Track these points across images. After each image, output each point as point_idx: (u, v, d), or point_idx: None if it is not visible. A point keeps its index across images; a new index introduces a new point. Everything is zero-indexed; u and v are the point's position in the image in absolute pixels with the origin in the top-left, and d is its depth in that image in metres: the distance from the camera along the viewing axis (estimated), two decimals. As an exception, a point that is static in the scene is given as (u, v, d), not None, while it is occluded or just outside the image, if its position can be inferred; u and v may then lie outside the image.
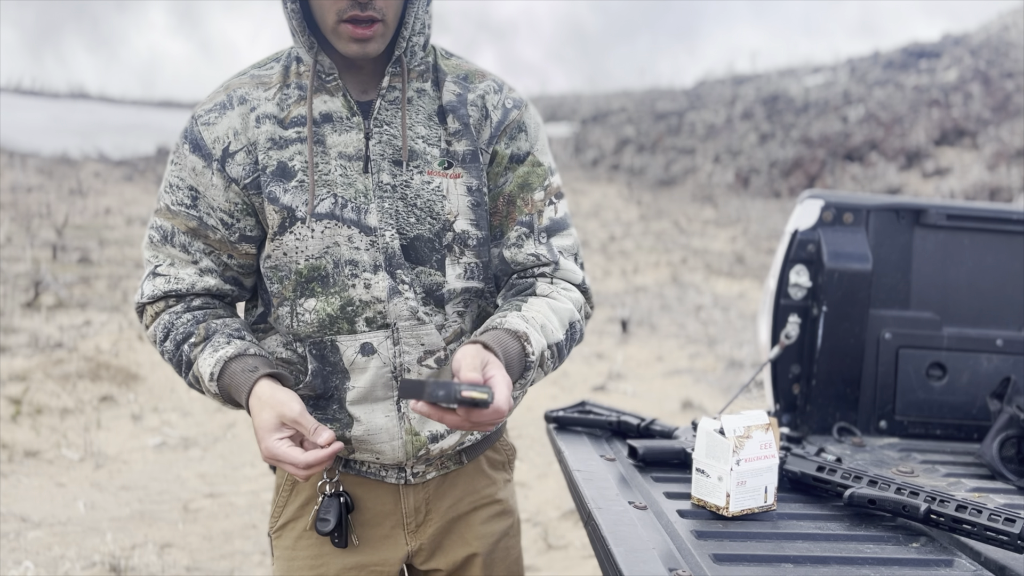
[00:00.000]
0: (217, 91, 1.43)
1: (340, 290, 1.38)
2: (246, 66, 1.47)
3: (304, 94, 1.39)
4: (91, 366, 5.86)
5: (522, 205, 1.46)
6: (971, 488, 1.74)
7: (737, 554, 1.30)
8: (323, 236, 1.37)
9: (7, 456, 4.52)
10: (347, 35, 1.32)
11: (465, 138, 1.42)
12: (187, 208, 1.41)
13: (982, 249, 2.17)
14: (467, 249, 1.43)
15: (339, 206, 1.37)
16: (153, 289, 1.44)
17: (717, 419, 1.44)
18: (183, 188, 1.41)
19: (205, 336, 1.41)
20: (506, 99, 1.46)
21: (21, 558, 3.48)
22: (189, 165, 1.40)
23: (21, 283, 8.18)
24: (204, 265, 1.43)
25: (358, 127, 1.38)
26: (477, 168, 1.42)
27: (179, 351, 1.41)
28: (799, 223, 2.14)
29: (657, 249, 12.44)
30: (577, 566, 3.60)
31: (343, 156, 1.38)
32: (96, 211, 13.19)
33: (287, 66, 1.42)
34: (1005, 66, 18.70)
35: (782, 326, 2.13)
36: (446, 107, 1.42)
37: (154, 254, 1.45)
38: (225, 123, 1.39)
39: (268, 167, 1.38)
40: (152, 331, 1.46)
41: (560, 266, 1.48)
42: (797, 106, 20.72)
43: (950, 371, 2.14)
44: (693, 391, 6.10)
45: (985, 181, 12.88)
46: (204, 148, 1.39)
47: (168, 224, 1.42)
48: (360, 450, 1.44)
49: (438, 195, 1.39)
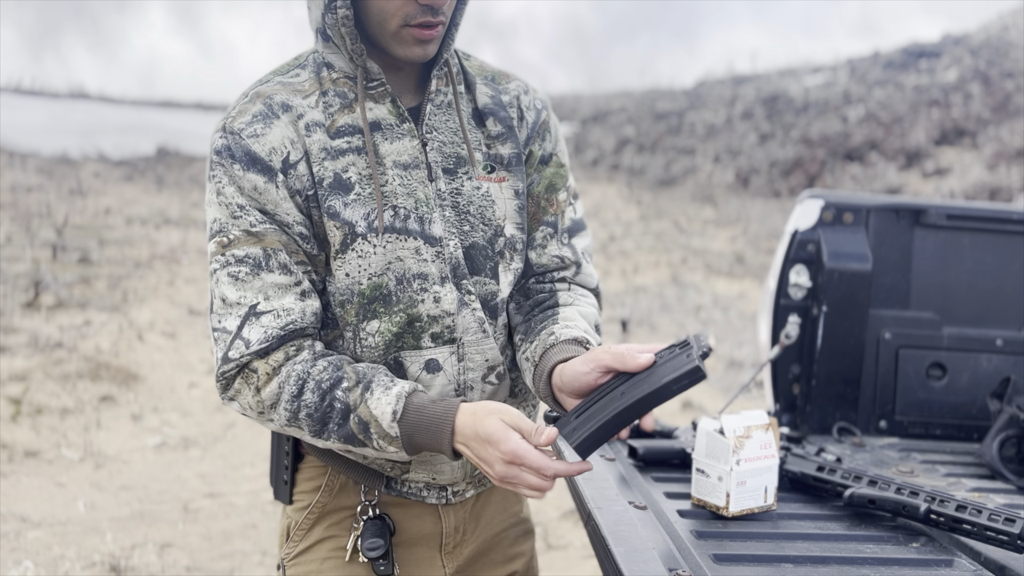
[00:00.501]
0: (246, 101, 1.31)
1: (407, 307, 1.31)
2: (265, 74, 1.36)
3: (346, 102, 1.31)
4: (91, 366, 5.86)
5: (547, 206, 1.45)
6: (971, 488, 1.74)
7: (737, 554, 1.30)
8: (385, 251, 1.29)
9: (7, 456, 4.52)
10: (412, 38, 1.26)
11: (510, 141, 1.40)
12: (271, 224, 1.26)
13: (982, 249, 2.17)
14: (516, 254, 1.40)
15: (400, 218, 1.29)
16: (264, 333, 1.24)
17: (717, 419, 1.44)
18: (254, 209, 1.26)
19: (360, 379, 1.25)
20: (536, 100, 1.46)
21: (21, 558, 3.48)
22: (249, 185, 1.26)
23: (21, 283, 8.18)
24: (306, 286, 1.29)
25: (411, 134, 1.32)
26: (521, 171, 1.41)
27: (328, 399, 1.24)
28: (799, 223, 2.14)
29: (657, 249, 12.44)
30: (577, 566, 3.60)
31: (398, 165, 1.31)
32: (96, 211, 13.19)
33: (317, 72, 1.33)
34: (1005, 66, 18.70)
35: (782, 326, 2.13)
36: (483, 110, 1.40)
37: (242, 293, 1.25)
38: (277, 132, 1.27)
39: (325, 179, 1.28)
40: (274, 388, 1.25)
41: (581, 269, 1.47)
42: (797, 106, 20.72)
43: (950, 371, 2.14)
44: (693, 391, 6.10)
45: (985, 181, 12.88)
46: (262, 162, 1.26)
47: (257, 249, 1.26)
48: (417, 469, 1.37)
49: (488, 200, 1.36)
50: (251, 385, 1.25)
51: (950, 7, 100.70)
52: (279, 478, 1.47)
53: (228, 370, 1.26)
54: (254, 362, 1.25)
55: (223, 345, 1.26)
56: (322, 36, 1.32)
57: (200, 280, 9.45)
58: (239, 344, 1.25)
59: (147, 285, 8.84)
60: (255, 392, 1.25)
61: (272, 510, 4.10)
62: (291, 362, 1.25)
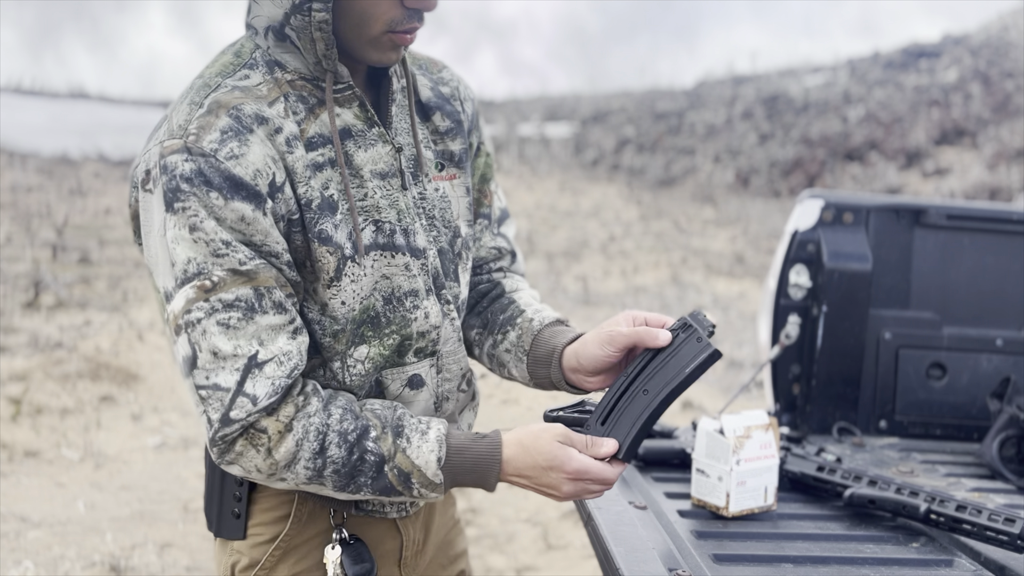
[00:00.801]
0: (204, 113, 1.12)
1: (399, 327, 1.23)
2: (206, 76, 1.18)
3: (308, 107, 1.18)
4: (91, 366, 5.86)
5: (481, 198, 1.42)
6: (971, 488, 1.74)
7: (737, 554, 1.30)
8: (373, 270, 1.20)
9: (7, 456, 4.52)
10: (391, 43, 1.17)
11: (459, 136, 1.34)
12: (259, 259, 1.12)
13: (982, 249, 2.17)
14: (469, 254, 1.35)
15: (385, 233, 1.21)
16: (272, 386, 1.11)
17: (717, 419, 1.44)
18: (238, 244, 1.10)
19: (385, 423, 1.16)
20: (468, 89, 1.40)
21: (21, 558, 3.48)
22: (233, 215, 1.09)
23: (21, 283, 8.18)
24: (298, 323, 1.16)
25: (382, 139, 1.22)
26: (470, 167, 1.36)
27: (358, 452, 1.13)
28: (799, 223, 2.14)
29: (657, 249, 12.44)
30: (577, 566, 3.60)
31: (376, 175, 1.21)
32: (96, 211, 13.19)
33: (269, 74, 1.18)
34: (1005, 66, 18.69)
35: (782, 326, 2.13)
36: (427, 104, 1.32)
37: (237, 343, 1.10)
38: (257, 151, 1.12)
39: (313, 200, 1.15)
40: (290, 447, 1.12)
41: (516, 258, 1.47)
42: (797, 106, 20.72)
43: (950, 371, 2.14)
44: (693, 391, 6.10)
45: (985, 181, 12.88)
46: (246, 188, 1.10)
47: (247, 290, 1.10)
48: None
49: (446, 202, 1.31)
50: (260, 447, 1.12)
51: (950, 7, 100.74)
52: (224, 511, 1.30)
53: (230, 433, 1.11)
54: (261, 421, 1.12)
55: (219, 405, 1.10)
56: (276, 35, 1.17)
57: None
58: (243, 402, 1.10)
59: (147, 285, 8.83)
60: (266, 455, 1.12)
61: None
62: (303, 414, 1.13)
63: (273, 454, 1.12)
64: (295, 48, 1.17)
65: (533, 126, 24.48)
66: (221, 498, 1.30)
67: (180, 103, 1.16)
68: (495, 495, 4.25)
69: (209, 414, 1.12)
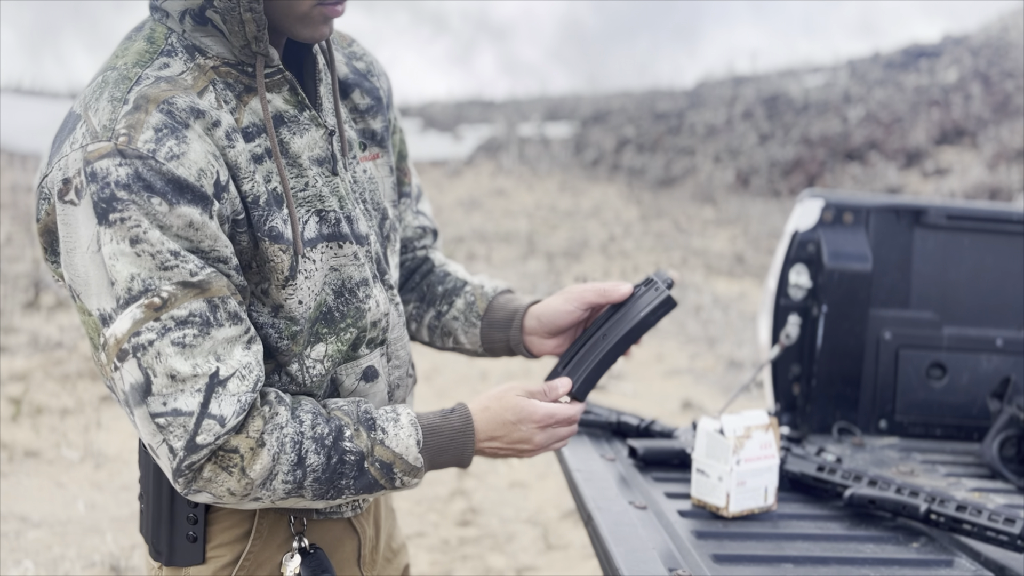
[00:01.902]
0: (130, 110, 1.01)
1: (355, 320, 1.17)
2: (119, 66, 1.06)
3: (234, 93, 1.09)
4: (91, 366, 5.86)
5: (402, 176, 1.38)
6: (971, 488, 1.74)
7: (737, 554, 1.30)
8: (322, 264, 1.14)
9: (7, 456, 4.52)
10: (322, 17, 1.09)
11: (379, 114, 1.28)
12: (210, 269, 1.03)
13: (982, 249, 2.17)
14: (396, 235, 1.30)
15: (330, 223, 1.14)
16: (238, 404, 1.03)
17: (717, 419, 1.44)
18: (184, 253, 1.01)
19: (357, 420, 1.10)
20: (379, 63, 1.34)
21: (21, 558, 3.48)
22: (179, 222, 1.00)
23: (21, 283, 8.18)
24: (252, 332, 1.08)
25: (314, 123, 1.14)
26: (391, 145, 1.32)
27: (336, 453, 1.07)
28: (799, 223, 2.14)
29: (657, 249, 12.44)
30: (577, 566, 3.60)
31: (315, 161, 1.14)
32: (96, 211, 13.18)
33: (191, 62, 1.08)
34: (1005, 66, 18.69)
35: (782, 326, 2.13)
36: (345, 80, 1.26)
37: (195, 362, 1.01)
38: (198, 148, 1.02)
39: (260, 196, 1.08)
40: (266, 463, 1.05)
41: (437, 235, 1.48)
42: (797, 106, 20.72)
43: (950, 371, 2.14)
44: (693, 391, 6.10)
45: (985, 181, 12.88)
46: (193, 189, 1.01)
47: (200, 303, 1.02)
48: None
49: (373, 183, 1.26)
50: (232, 468, 1.04)
51: (950, 7, 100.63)
52: (177, 534, 1.19)
53: (198, 460, 1.02)
54: (231, 440, 1.03)
55: (182, 432, 1.01)
56: (194, 19, 1.07)
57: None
58: (210, 424, 1.01)
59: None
60: (240, 475, 1.04)
61: (272, 510, 4.10)
62: (273, 426, 1.05)
63: (248, 473, 1.04)
64: (218, 32, 1.08)
65: (533, 126, 24.48)
66: (172, 522, 1.19)
67: (95, 99, 1.04)
68: (496, 495, 4.25)
69: (171, 443, 1.02)
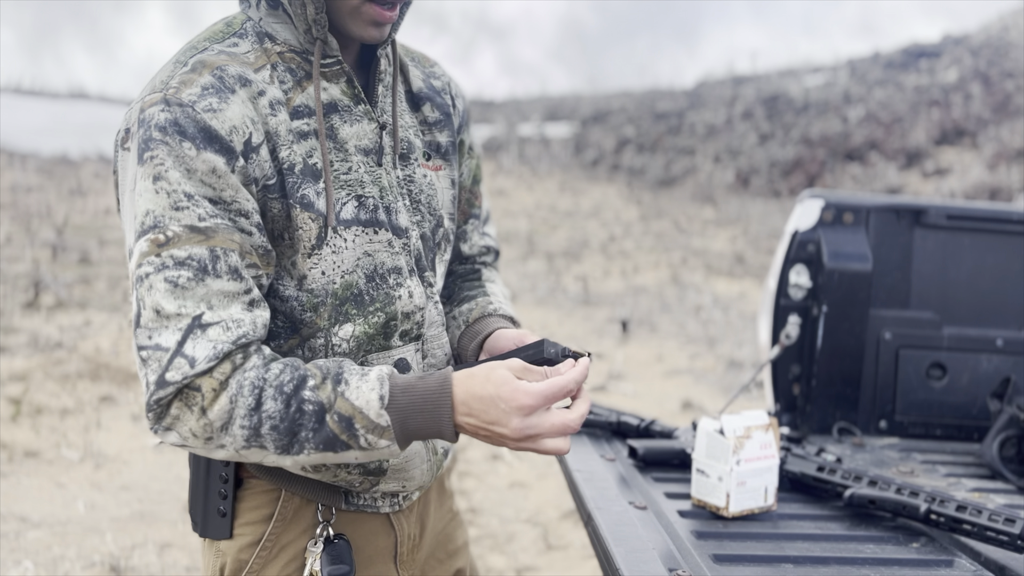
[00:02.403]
0: (187, 71, 1.11)
1: (384, 305, 1.20)
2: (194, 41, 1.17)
3: (296, 79, 1.17)
4: (91, 366, 5.86)
5: (472, 198, 1.46)
6: (971, 488, 1.74)
7: (737, 554, 1.30)
8: (354, 246, 1.18)
9: (7, 456, 4.52)
10: (370, 17, 1.15)
11: (447, 129, 1.35)
12: (221, 219, 1.07)
13: (982, 249, 2.17)
14: (448, 246, 1.35)
15: (368, 208, 1.19)
16: (213, 347, 1.04)
17: (717, 419, 1.44)
18: (202, 199, 1.06)
19: (326, 373, 1.08)
20: (459, 88, 1.43)
21: (21, 558, 3.48)
22: (203, 167, 1.06)
23: (21, 283, 8.18)
24: (255, 294, 1.10)
25: (367, 116, 1.21)
26: (456, 160, 1.38)
27: (295, 403, 1.05)
28: (799, 223, 2.14)
29: (657, 249, 12.44)
30: (577, 566, 3.60)
31: (360, 150, 1.20)
32: (96, 211, 13.19)
33: (259, 44, 1.17)
34: (1005, 66, 18.69)
35: (782, 326, 2.13)
36: (418, 94, 1.33)
37: (182, 303, 1.04)
38: (236, 109, 1.09)
39: (296, 164, 1.13)
40: (224, 405, 1.05)
41: (498, 254, 1.53)
42: (797, 106, 20.72)
43: (950, 371, 2.14)
44: (693, 391, 6.10)
45: (985, 181, 12.88)
46: (220, 140, 1.07)
47: (202, 249, 1.05)
48: (390, 480, 1.26)
49: (433, 189, 1.30)
50: (193, 407, 1.05)
51: (950, 7, 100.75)
52: (210, 509, 1.25)
53: (165, 396, 1.05)
54: (196, 380, 1.04)
55: (156, 366, 1.04)
56: (268, 3, 1.17)
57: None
58: (180, 363, 1.04)
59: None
60: (199, 414, 1.05)
61: (272, 510, 4.10)
62: (239, 371, 1.06)
63: (207, 414, 1.05)
64: (287, 18, 1.17)
65: (533, 126, 24.48)
66: (206, 496, 1.25)
67: (165, 65, 1.14)
68: (496, 495, 4.25)
69: (148, 376, 1.05)
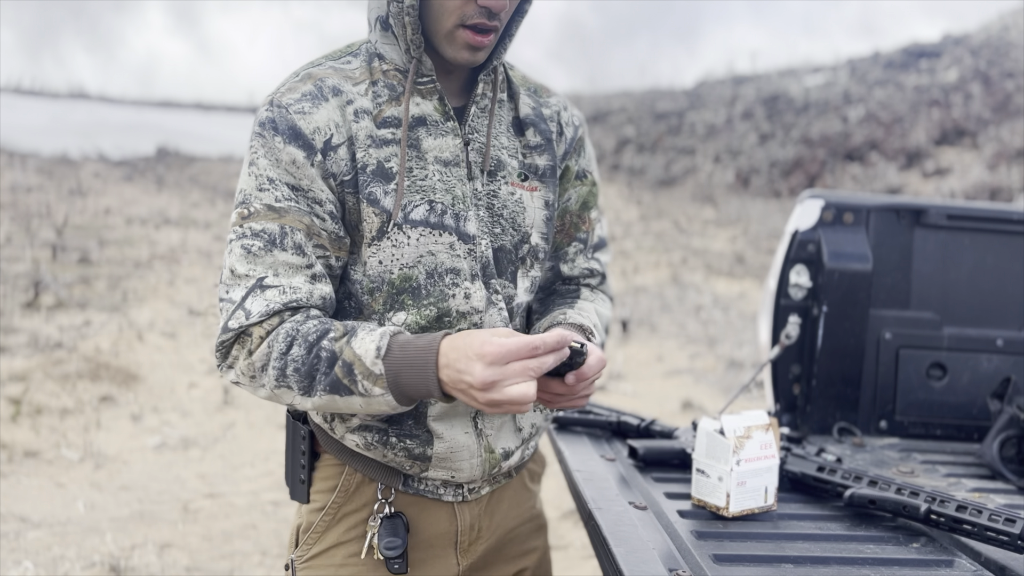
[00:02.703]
0: (296, 80, 1.32)
1: (437, 300, 1.32)
2: (317, 58, 1.38)
3: (394, 94, 1.32)
4: (91, 366, 5.86)
5: (579, 223, 1.51)
6: (971, 488, 1.74)
7: (737, 554, 1.30)
8: (418, 244, 1.31)
9: (7, 456, 4.52)
10: (464, 41, 1.28)
11: (546, 152, 1.44)
12: (296, 204, 1.27)
13: (982, 249, 2.17)
14: (536, 263, 1.43)
15: (436, 212, 1.31)
16: (266, 304, 1.24)
17: (717, 419, 1.44)
18: (282, 184, 1.27)
19: (348, 329, 1.23)
20: (574, 116, 1.51)
21: (21, 558, 3.48)
22: (287, 158, 1.26)
23: (21, 283, 8.18)
24: (317, 270, 1.28)
25: (453, 132, 1.34)
26: (555, 183, 1.45)
27: (314, 352, 1.22)
28: (799, 223, 2.14)
29: (657, 249, 12.45)
30: (577, 566, 3.60)
31: (439, 161, 1.33)
32: (96, 211, 13.19)
33: (368, 62, 1.35)
34: (1005, 66, 18.69)
35: (782, 326, 2.13)
36: (524, 120, 1.43)
37: (252, 266, 1.25)
38: (324, 114, 1.28)
39: (368, 165, 1.29)
40: (261, 353, 1.24)
41: (606, 280, 1.57)
42: (797, 106, 20.72)
43: (950, 371, 2.14)
44: (693, 391, 6.10)
45: (985, 181, 12.88)
46: (303, 138, 1.26)
47: (274, 225, 1.26)
48: (436, 468, 1.37)
49: (520, 207, 1.39)
50: (244, 348, 1.25)
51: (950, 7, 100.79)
52: (295, 477, 1.45)
53: (226, 339, 1.26)
54: (250, 328, 1.24)
55: (225, 315, 1.26)
56: (382, 25, 1.33)
57: (200, 280, 9.45)
58: (239, 314, 1.24)
59: (147, 285, 8.84)
60: (247, 356, 1.25)
61: (272, 510, 4.10)
62: (284, 324, 1.24)
63: (252, 355, 1.24)
64: (395, 39, 1.33)
65: (533, 126, 24.40)
66: (293, 466, 1.44)
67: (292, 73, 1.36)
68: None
69: (220, 322, 1.26)
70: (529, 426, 1.45)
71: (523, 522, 1.53)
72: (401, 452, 1.34)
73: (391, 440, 1.34)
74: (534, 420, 1.46)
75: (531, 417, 1.45)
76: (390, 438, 1.34)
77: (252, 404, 5.64)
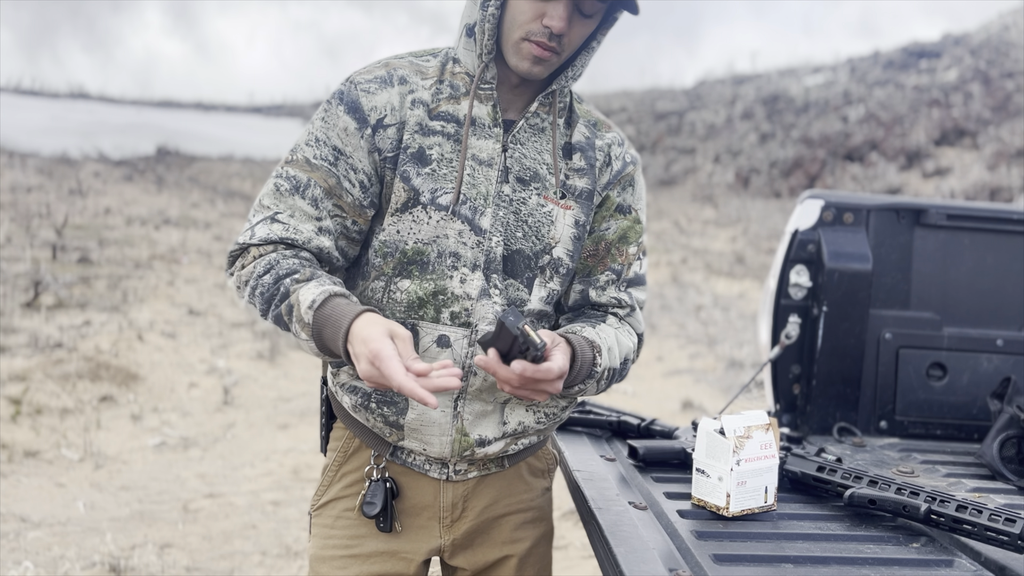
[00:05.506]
0: (377, 66, 1.50)
1: (437, 278, 1.45)
2: (403, 52, 1.55)
3: (456, 93, 1.47)
4: (91, 366, 5.86)
5: (616, 254, 1.58)
6: (971, 488, 1.74)
7: (737, 554, 1.30)
8: (436, 225, 1.44)
9: (7, 456, 4.52)
10: (529, 53, 1.40)
11: (587, 176, 1.53)
12: (329, 164, 1.44)
13: (982, 249, 2.17)
14: (556, 276, 1.51)
15: (458, 202, 1.44)
16: (268, 232, 1.42)
17: (717, 419, 1.44)
18: (327, 145, 1.45)
19: (311, 276, 1.39)
20: (626, 153, 1.60)
21: (21, 558, 3.48)
22: (341, 125, 1.44)
23: (21, 283, 8.18)
24: (325, 225, 1.45)
25: (496, 138, 1.46)
26: (589, 206, 1.53)
27: (278, 284, 1.38)
28: (799, 223, 2.14)
29: (657, 249, 12.44)
30: (577, 566, 3.60)
31: (475, 159, 1.46)
32: (96, 211, 13.19)
33: (443, 64, 1.49)
34: (1005, 66, 18.69)
35: (782, 326, 2.13)
36: (574, 145, 1.54)
37: (276, 202, 1.44)
38: (385, 96, 1.45)
39: (410, 148, 1.44)
40: (249, 269, 1.42)
41: (634, 313, 1.61)
42: (797, 106, 20.71)
43: (950, 371, 2.14)
44: (693, 391, 6.10)
45: (985, 181, 12.88)
46: (360, 112, 1.44)
47: (304, 176, 1.44)
48: (409, 438, 1.48)
49: (548, 219, 1.49)
50: (239, 265, 1.44)
51: (950, 7, 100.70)
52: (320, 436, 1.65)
53: (235, 250, 1.45)
54: (250, 247, 1.43)
55: (242, 231, 1.45)
56: (467, 32, 1.46)
57: (200, 280, 9.46)
58: (248, 233, 1.43)
59: (147, 285, 8.84)
60: (240, 268, 1.43)
61: (272, 510, 4.10)
62: (273, 252, 1.41)
63: (243, 270, 1.43)
64: (474, 45, 1.45)
65: (533, 126, 24.41)
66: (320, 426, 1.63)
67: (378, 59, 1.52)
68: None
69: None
70: (516, 423, 1.50)
71: (514, 511, 1.58)
72: (379, 418, 1.47)
73: (371, 405, 1.46)
74: (522, 419, 1.50)
75: (519, 415, 1.50)
76: (371, 403, 1.46)
77: (252, 404, 5.64)
